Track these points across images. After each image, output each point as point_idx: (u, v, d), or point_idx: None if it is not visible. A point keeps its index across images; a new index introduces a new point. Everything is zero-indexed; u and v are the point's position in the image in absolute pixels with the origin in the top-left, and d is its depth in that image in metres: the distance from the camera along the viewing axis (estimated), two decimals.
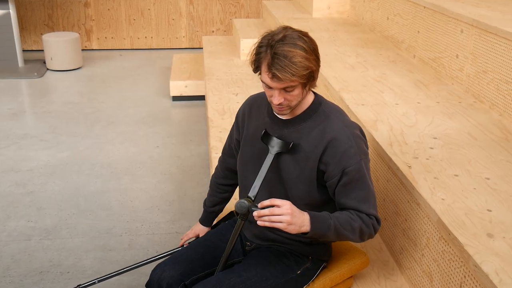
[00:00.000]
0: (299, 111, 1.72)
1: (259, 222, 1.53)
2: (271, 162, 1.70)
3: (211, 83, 4.32)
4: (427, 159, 2.18)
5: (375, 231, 1.71)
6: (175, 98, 5.22)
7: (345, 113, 1.76)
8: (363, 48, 4.01)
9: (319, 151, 1.66)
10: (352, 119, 2.65)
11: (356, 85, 3.11)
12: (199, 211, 3.27)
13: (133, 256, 2.85)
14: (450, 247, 1.74)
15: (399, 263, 2.15)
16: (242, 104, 1.92)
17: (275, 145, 1.71)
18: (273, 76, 1.55)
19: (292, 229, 1.54)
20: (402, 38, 3.89)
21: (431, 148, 2.28)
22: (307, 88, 1.63)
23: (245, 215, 1.63)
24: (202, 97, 5.14)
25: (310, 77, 1.58)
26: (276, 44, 1.54)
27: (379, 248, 2.28)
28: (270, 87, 1.60)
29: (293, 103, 1.64)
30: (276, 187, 1.75)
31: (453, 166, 2.12)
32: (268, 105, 1.78)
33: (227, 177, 2.03)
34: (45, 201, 3.40)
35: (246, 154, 1.83)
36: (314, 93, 1.76)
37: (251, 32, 5.33)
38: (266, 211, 1.51)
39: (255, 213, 1.53)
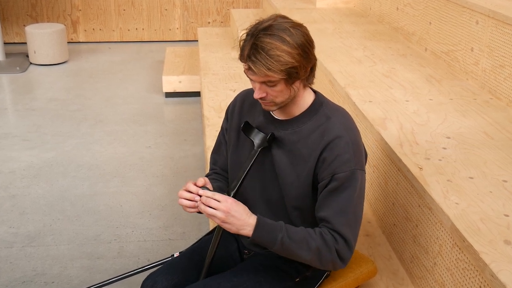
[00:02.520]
0: (298, 111, 1.70)
1: (199, 204, 1.58)
2: (256, 157, 1.70)
3: (207, 78, 4.32)
4: (440, 160, 2.18)
5: (342, 260, 1.61)
6: (168, 95, 5.22)
7: (349, 115, 1.74)
8: (370, 40, 4.01)
9: (317, 155, 1.64)
10: (359, 117, 2.65)
11: (363, 81, 3.11)
12: (194, 216, 3.28)
13: (123, 265, 2.85)
14: (464, 255, 1.74)
15: (409, 272, 2.15)
16: (233, 99, 1.90)
17: (255, 138, 1.72)
18: (249, 68, 1.56)
19: (228, 229, 1.57)
20: (412, 30, 3.89)
21: (444, 148, 2.28)
22: (295, 85, 1.61)
23: None
24: (197, 94, 5.14)
25: (292, 73, 1.55)
26: (259, 34, 1.54)
27: (387, 256, 2.28)
28: (251, 79, 1.61)
29: (278, 100, 1.62)
30: (275, 190, 1.75)
31: (468, 167, 2.12)
32: None
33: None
34: (28, 206, 3.39)
35: (238, 155, 1.82)
36: (315, 92, 1.75)
37: (250, 23, 5.32)
38: (208, 194, 1.57)
39: (201, 191, 1.58)
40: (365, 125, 2.60)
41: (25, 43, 6.31)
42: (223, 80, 4.26)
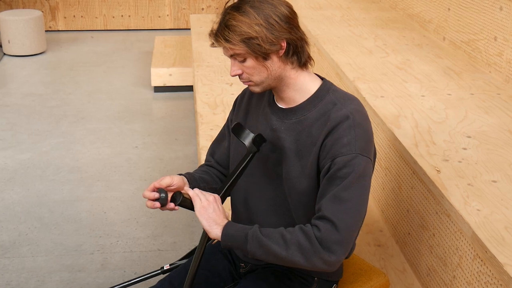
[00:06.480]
0: (300, 98, 1.72)
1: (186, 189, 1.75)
2: (246, 163, 1.73)
3: (201, 71, 4.32)
4: (460, 161, 2.18)
5: (329, 250, 1.53)
6: (158, 89, 5.22)
7: (360, 103, 1.74)
8: (382, 29, 4.02)
9: (320, 143, 1.66)
10: (370, 114, 2.65)
11: (375, 74, 3.11)
12: (185, 224, 3.28)
13: (107, 278, 2.85)
14: (487, 267, 1.74)
15: (425, 287, 2.15)
16: (243, 90, 1.95)
17: (246, 140, 1.74)
18: (212, 43, 1.68)
19: (204, 218, 1.66)
20: (429, 17, 3.89)
21: (464, 148, 2.28)
22: (269, 62, 1.65)
23: None
24: (189, 88, 5.14)
25: (253, 46, 1.61)
26: (226, 10, 1.66)
27: (401, 269, 2.28)
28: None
29: (255, 78, 1.68)
30: (279, 186, 1.76)
31: (491, 170, 2.12)
32: (270, 93, 1.81)
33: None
34: (1, 213, 3.39)
35: (239, 150, 1.84)
36: (323, 78, 1.77)
37: None
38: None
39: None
40: (376, 122, 2.60)
41: None
42: (218, 72, 4.26)
